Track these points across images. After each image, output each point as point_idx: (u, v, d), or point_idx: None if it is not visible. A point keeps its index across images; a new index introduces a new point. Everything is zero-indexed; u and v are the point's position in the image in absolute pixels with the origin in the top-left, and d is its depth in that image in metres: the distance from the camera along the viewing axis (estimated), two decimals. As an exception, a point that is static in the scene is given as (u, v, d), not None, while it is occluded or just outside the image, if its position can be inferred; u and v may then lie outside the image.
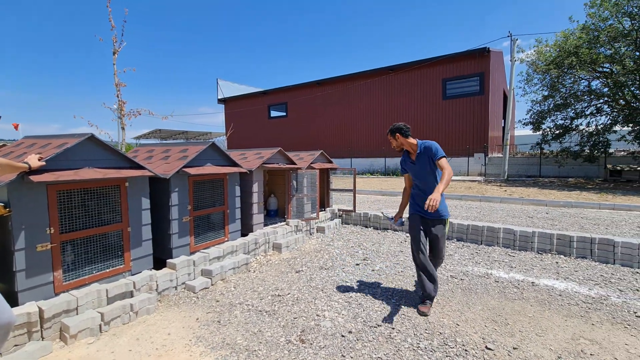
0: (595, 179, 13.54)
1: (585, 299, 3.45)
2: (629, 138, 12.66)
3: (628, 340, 2.70)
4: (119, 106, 6.36)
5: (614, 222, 6.36)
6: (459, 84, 17.68)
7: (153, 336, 2.79)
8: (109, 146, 3.24)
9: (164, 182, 3.82)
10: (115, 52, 6.35)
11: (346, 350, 2.58)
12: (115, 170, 3.22)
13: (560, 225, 6.16)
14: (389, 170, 19.34)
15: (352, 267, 4.49)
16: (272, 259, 4.89)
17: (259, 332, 2.86)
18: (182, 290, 3.73)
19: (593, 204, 8.17)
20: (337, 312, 3.20)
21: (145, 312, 3.15)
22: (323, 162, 6.97)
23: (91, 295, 2.90)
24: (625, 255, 4.43)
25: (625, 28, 11.34)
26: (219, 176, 4.42)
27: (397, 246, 5.46)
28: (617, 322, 2.99)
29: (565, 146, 13.86)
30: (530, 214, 7.42)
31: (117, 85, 6.21)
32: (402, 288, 3.77)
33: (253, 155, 5.61)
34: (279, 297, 3.55)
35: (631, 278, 4.00)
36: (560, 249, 4.88)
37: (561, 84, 13.50)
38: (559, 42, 12.37)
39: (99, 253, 3.18)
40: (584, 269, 4.32)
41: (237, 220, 4.78)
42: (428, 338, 2.75)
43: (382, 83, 19.91)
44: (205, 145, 4.25)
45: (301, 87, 23.52)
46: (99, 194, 3.17)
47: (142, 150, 4.88)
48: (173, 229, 3.85)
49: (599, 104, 13.26)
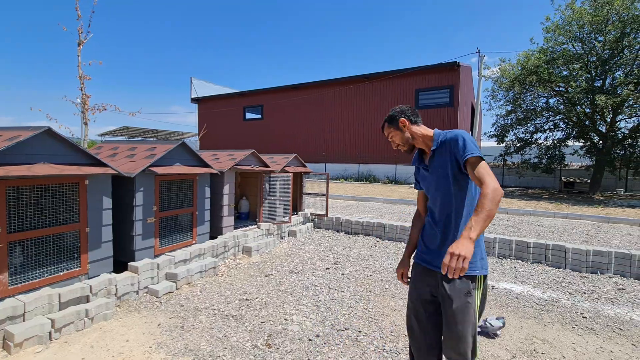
0: (551, 190, 14.55)
1: (539, 302, 3.67)
2: (581, 153, 13.76)
3: (575, 340, 2.91)
4: (83, 100, 6.01)
5: (567, 230, 6.85)
6: (431, 95, 18.40)
7: (109, 343, 2.64)
8: (69, 141, 3.05)
9: (129, 181, 3.65)
10: (81, 43, 6.01)
11: (312, 354, 2.57)
12: (75, 166, 3.04)
13: (519, 232, 6.54)
14: (362, 176, 19.65)
15: (322, 271, 4.50)
16: (242, 262, 4.80)
17: (225, 337, 2.78)
18: (145, 295, 3.56)
19: (549, 212, 8.75)
20: (306, 316, 3.19)
21: (102, 318, 2.97)
22: (297, 166, 6.97)
23: (41, 300, 2.70)
24: (575, 260, 4.77)
25: (578, 52, 12.39)
26: (188, 176, 4.29)
27: (367, 250, 5.54)
28: (566, 323, 3.21)
29: (525, 158, 14.80)
30: (493, 221, 7.81)
31: (81, 77, 5.87)
32: (370, 291, 3.82)
33: (225, 156, 5.50)
34: (246, 302, 3.48)
35: (579, 282, 4.31)
36: (519, 254, 5.17)
37: (523, 100, 14.47)
38: (522, 61, 13.26)
39: (53, 255, 2.97)
40: (539, 273, 4.61)
41: (206, 222, 4.65)
42: (393, 340, 2.80)
43: (358, 91, 20.30)
44: (175, 144, 4.11)
45: (278, 91, 23.43)
46: (55, 192, 2.97)
47: (106, 147, 4.64)
48: (136, 231, 3.68)
49: (555, 120, 14.31)
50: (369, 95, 20.12)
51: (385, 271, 4.53)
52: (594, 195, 12.45)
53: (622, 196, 12.17)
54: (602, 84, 12.21)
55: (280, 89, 23.46)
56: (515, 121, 14.80)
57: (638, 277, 4.45)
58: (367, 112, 20.15)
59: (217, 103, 26.76)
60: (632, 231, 6.84)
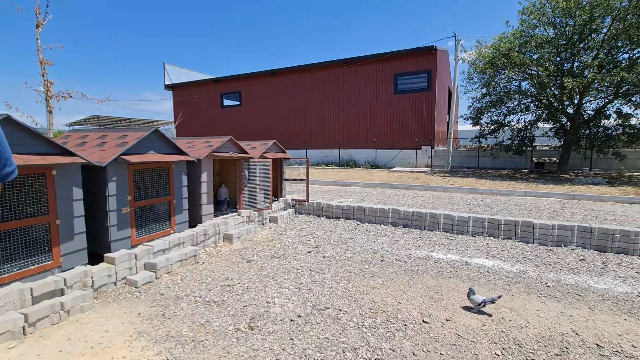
0: (523, 170, 15.19)
1: (507, 274, 3.90)
2: (550, 134, 14.39)
3: (539, 307, 3.12)
4: (45, 86, 5.65)
5: (535, 208, 7.22)
6: (409, 80, 18.54)
7: (87, 335, 2.60)
8: (32, 130, 2.90)
9: (100, 171, 3.53)
10: (39, 25, 5.61)
11: (295, 333, 2.65)
12: (40, 156, 2.90)
13: (492, 211, 6.83)
14: (343, 161, 19.75)
15: (304, 254, 4.57)
16: (223, 249, 4.79)
17: (207, 322, 2.81)
18: (123, 286, 3.51)
19: (520, 192, 9.16)
20: (287, 298, 3.26)
21: (79, 310, 2.91)
22: (276, 152, 6.92)
23: (12, 296, 2.61)
24: (542, 235, 5.07)
25: (550, 35, 12.77)
26: (163, 165, 4.19)
27: (348, 234, 5.65)
28: (531, 292, 3.43)
29: (499, 140, 15.32)
30: (468, 201, 8.11)
31: (42, 62, 5.50)
32: (350, 272, 3.93)
33: (202, 143, 5.38)
34: (228, 287, 3.50)
35: (545, 255, 4.60)
36: (490, 232, 5.43)
37: (497, 84, 14.87)
38: (495, 44, 13.54)
39: (22, 249, 2.86)
40: (509, 248, 4.87)
41: (184, 211, 4.59)
42: (372, 316, 2.91)
43: (337, 75, 20.14)
44: (148, 131, 3.98)
45: (256, 76, 22.89)
46: (20, 183, 2.83)
47: (74, 136, 4.43)
48: (111, 221, 3.59)
49: (527, 103, 14.83)
50: (349, 81, 20.03)
51: (365, 252, 4.65)
52: (562, 174, 13.12)
53: (587, 174, 12.89)
54: (570, 67, 12.69)
55: (259, 75, 22.94)
56: (489, 104, 15.21)
57: (597, 249, 4.79)
58: (347, 98, 20.10)
59: (193, 90, 25.91)
60: (594, 207, 7.30)
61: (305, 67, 21.18)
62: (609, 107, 12.72)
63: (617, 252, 4.68)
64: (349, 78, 20.02)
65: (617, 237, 4.67)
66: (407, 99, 18.44)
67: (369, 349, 2.46)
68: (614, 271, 4.03)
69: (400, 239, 5.32)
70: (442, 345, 2.52)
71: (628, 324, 2.84)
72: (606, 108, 12.68)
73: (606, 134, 12.43)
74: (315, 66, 20.86)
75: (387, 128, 18.81)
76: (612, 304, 3.19)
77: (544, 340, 2.59)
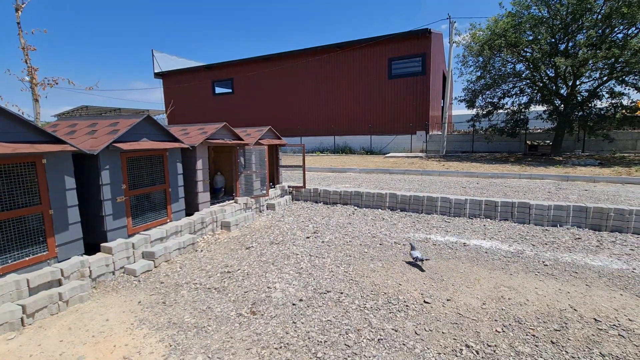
0: (517, 153, 15.28)
1: (505, 254, 3.94)
2: (544, 116, 14.43)
3: (537, 285, 3.17)
4: (30, 73, 5.44)
5: (530, 189, 7.28)
6: (403, 64, 18.30)
7: (88, 324, 2.58)
8: (19, 117, 2.79)
9: (92, 159, 3.43)
10: (19, 8, 5.35)
11: (297, 317, 2.65)
12: (29, 144, 2.80)
13: (488, 193, 6.88)
14: (338, 147, 19.66)
15: (302, 240, 4.56)
16: (221, 237, 4.76)
17: (208, 308, 2.80)
18: (122, 275, 3.47)
19: (515, 174, 9.23)
20: (288, 282, 3.25)
21: (77, 300, 2.88)
22: (272, 139, 6.84)
23: (8, 287, 2.57)
24: (538, 215, 5.12)
25: (544, 16, 12.63)
26: (157, 152, 4.09)
27: (346, 219, 5.65)
28: (529, 271, 3.48)
29: (493, 124, 15.33)
30: (464, 184, 8.15)
31: (25, 48, 5.27)
32: (350, 256, 3.94)
33: (196, 130, 5.28)
34: (228, 274, 3.49)
35: (542, 235, 4.65)
36: (487, 214, 5.47)
37: (492, 66, 14.75)
38: (491, 26, 13.37)
39: (15, 240, 2.80)
40: (505, 229, 4.91)
41: (180, 199, 4.52)
42: (374, 298, 2.93)
43: (331, 60, 19.80)
44: (140, 118, 3.87)
45: (248, 62, 22.41)
46: (10, 173, 2.74)
47: (63, 124, 4.30)
48: (106, 210, 3.52)
49: (521, 85, 14.78)
50: (343, 66, 19.72)
51: (364, 237, 4.66)
52: (555, 156, 13.22)
53: (580, 156, 13.01)
54: (565, 48, 12.61)
55: (251, 61, 22.46)
56: (484, 86, 15.14)
57: (592, 227, 4.86)
58: (342, 83, 19.84)
59: (184, 77, 25.34)
60: (588, 187, 7.39)
61: (298, 53, 20.77)
62: (602, 89, 12.74)
63: (612, 230, 4.75)
64: (343, 63, 19.71)
65: (612, 215, 4.73)
66: (401, 83, 18.25)
67: (371, 330, 2.47)
68: (609, 249, 4.09)
69: (399, 223, 5.34)
70: (444, 324, 2.55)
71: (624, 298, 2.90)
72: (600, 89, 12.70)
73: (598, 114, 12.48)
74: (308, 51, 20.46)
75: (381, 113, 18.68)
76: (608, 280, 3.25)
77: (543, 317, 2.63)
